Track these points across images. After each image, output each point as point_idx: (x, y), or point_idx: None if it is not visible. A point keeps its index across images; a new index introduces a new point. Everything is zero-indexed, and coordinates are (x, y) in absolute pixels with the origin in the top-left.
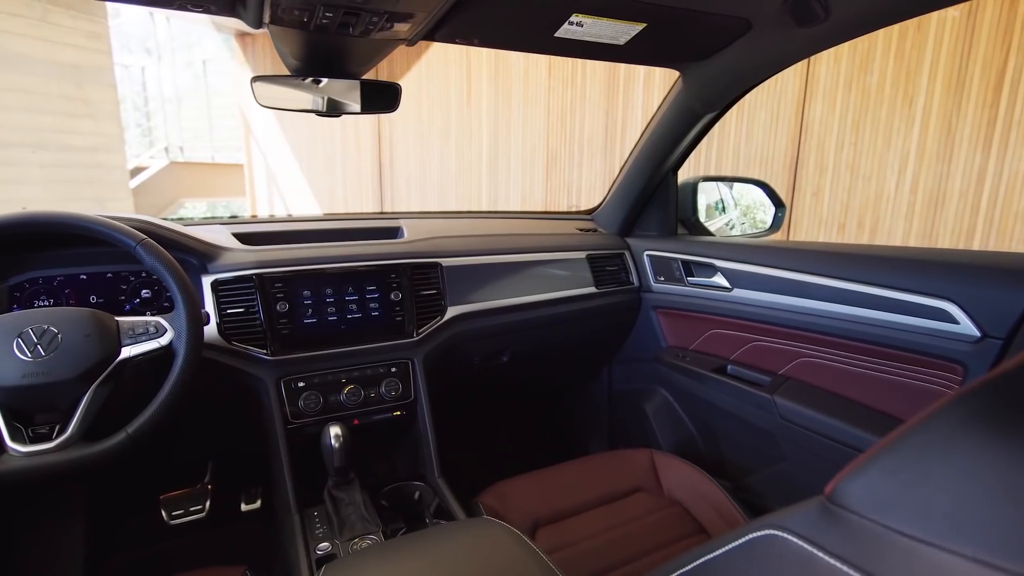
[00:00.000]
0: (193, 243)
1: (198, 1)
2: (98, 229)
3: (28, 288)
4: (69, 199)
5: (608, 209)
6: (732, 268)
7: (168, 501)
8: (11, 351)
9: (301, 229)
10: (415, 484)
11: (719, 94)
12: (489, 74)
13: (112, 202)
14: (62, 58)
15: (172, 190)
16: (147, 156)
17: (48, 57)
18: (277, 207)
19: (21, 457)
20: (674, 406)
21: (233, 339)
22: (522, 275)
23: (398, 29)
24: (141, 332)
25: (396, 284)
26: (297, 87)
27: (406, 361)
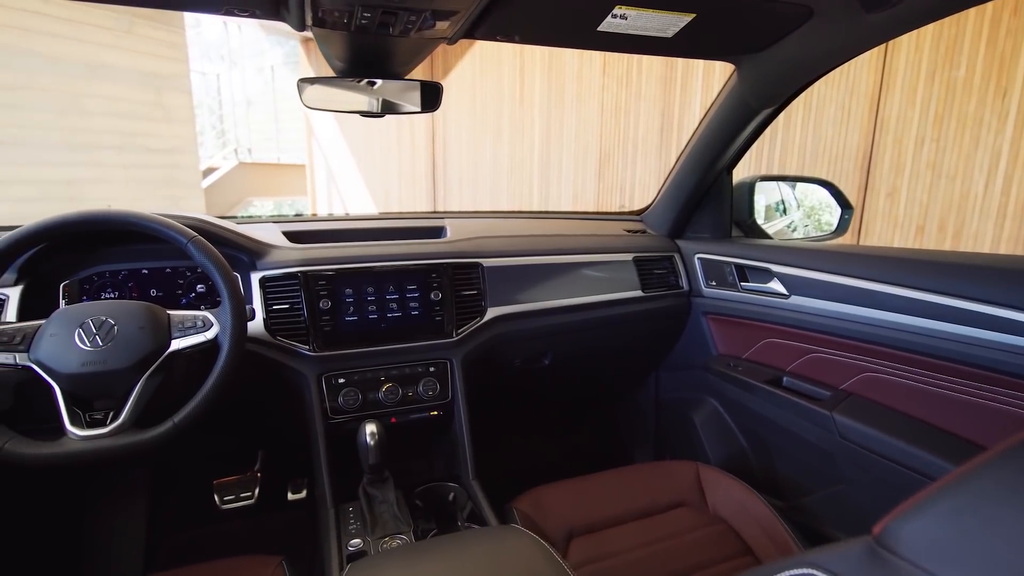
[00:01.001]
0: (244, 241)
1: (243, 6)
2: (153, 227)
3: (96, 281)
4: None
5: (658, 210)
6: (790, 273)
7: (221, 486)
8: (72, 341)
9: (347, 228)
10: (449, 485)
11: (777, 88)
12: (542, 72)
13: (185, 200)
14: (144, 66)
15: (240, 189)
16: (219, 157)
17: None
18: (336, 206)
19: (78, 440)
20: (724, 417)
21: (278, 334)
22: (565, 277)
23: (438, 28)
24: (190, 326)
25: (436, 284)
26: (341, 88)
27: (444, 361)
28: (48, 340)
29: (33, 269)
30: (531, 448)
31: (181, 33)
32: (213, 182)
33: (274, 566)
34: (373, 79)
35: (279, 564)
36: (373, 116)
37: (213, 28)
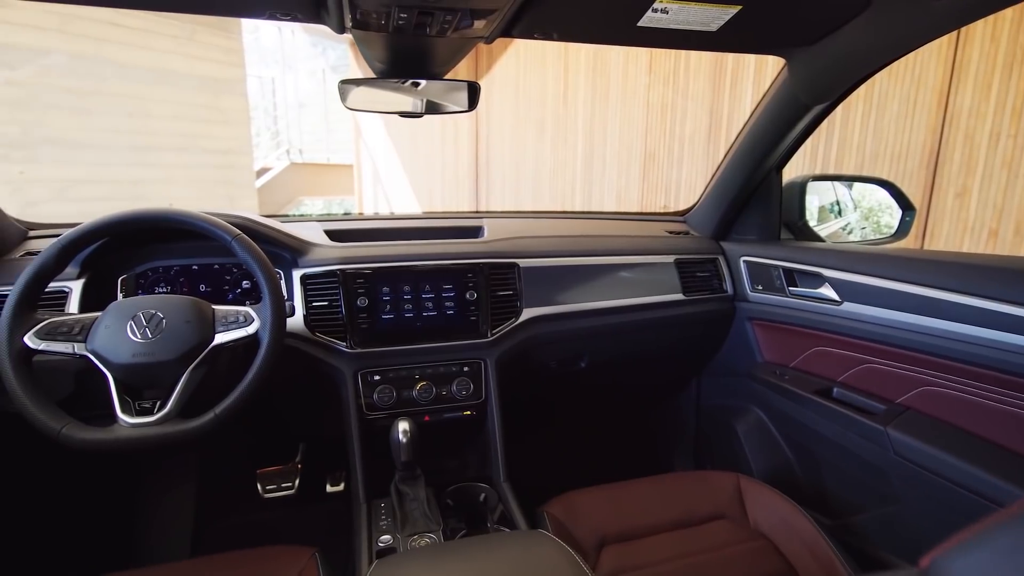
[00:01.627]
0: (286, 239)
1: (285, 10)
2: (200, 225)
3: (151, 276)
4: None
5: (702, 210)
6: (843, 279)
7: (264, 476)
8: (125, 332)
9: (387, 227)
10: (481, 486)
11: (830, 83)
12: (587, 70)
13: (240, 199)
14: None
15: (292, 189)
16: (272, 158)
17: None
18: (381, 205)
19: (127, 428)
20: (769, 428)
21: (317, 330)
22: (603, 278)
23: (475, 27)
24: (232, 321)
25: (472, 284)
26: (382, 89)
27: (479, 361)
28: (103, 331)
29: (94, 264)
30: (565, 452)
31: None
32: (266, 182)
33: (307, 558)
34: (412, 79)
35: (312, 556)
36: (412, 116)
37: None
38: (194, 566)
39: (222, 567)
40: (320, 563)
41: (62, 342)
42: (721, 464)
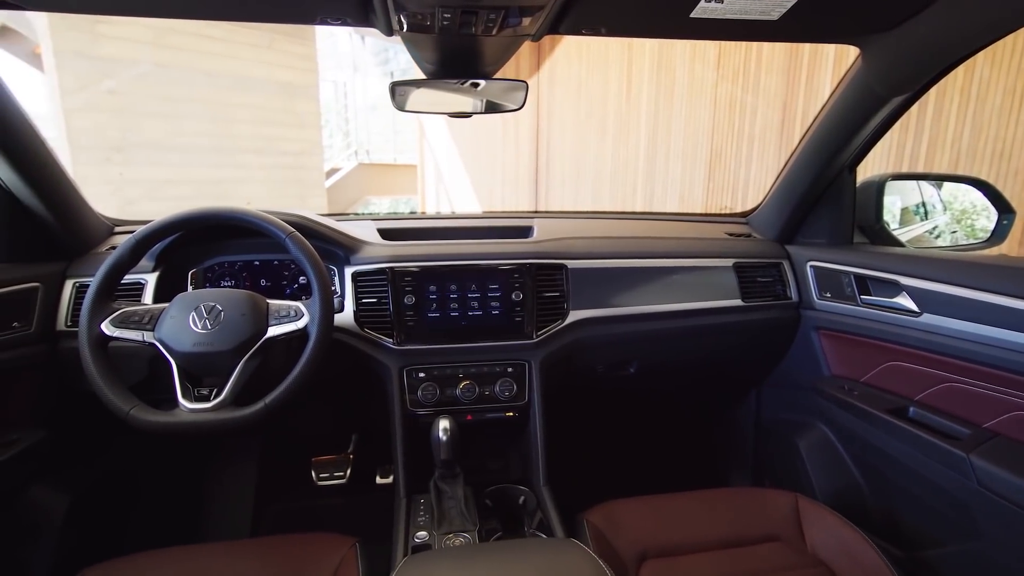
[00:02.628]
0: (339, 237)
1: (336, 15)
2: (257, 222)
3: (217, 270)
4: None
5: (766, 212)
6: (923, 288)
7: (318, 464)
8: (187, 323)
9: (438, 226)
10: (520, 488)
11: (911, 72)
12: (651, 67)
13: (310, 199)
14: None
15: (359, 188)
16: (341, 159)
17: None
18: (443, 204)
19: (187, 413)
20: (835, 446)
21: (366, 326)
22: (656, 281)
23: (520, 25)
24: (284, 315)
25: (519, 284)
26: (430, 90)
27: (523, 363)
28: (169, 321)
29: (167, 258)
30: (610, 459)
31: (312, 46)
32: (335, 181)
33: (348, 547)
34: (461, 79)
35: (353, 545)
36: (461, 116)
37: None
38: (245, 546)
39: (268, 549)
40: (360, 553)
41: (133, 330)
42: (780, 482)
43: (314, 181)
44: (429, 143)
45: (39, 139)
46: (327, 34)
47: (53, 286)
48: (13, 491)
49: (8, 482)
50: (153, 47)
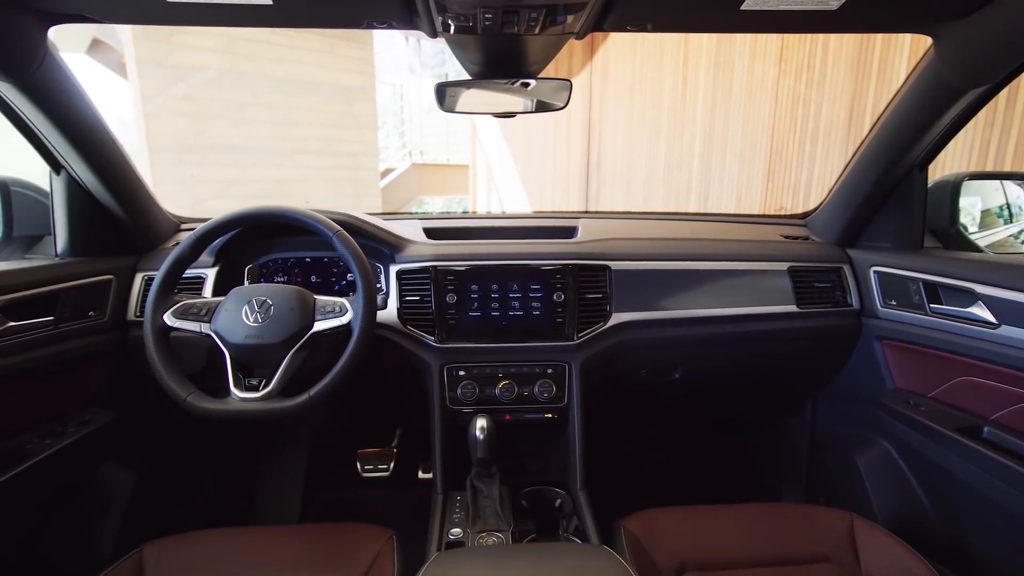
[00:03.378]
0: (385, 235)
1: (381, 18)
2: (306, 221)
3: (271, 266)
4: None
5: (826, 213)
6: (1003, 297)
7: (363, 456)
8: (240, 316)
9: (482, 226)
10: (557, 491)
11: (989, 62)
12: (708, 63)
13: (365, 198)
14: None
15: (413, 188)
16: (396, 159)
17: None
18: (494, 204)
19: (237, 401)
20: (897, 465)
21: (408, 323)
22: (704, 285)
23: (562, 23)
24: (329, 311)
25: (560, 285)
26: (475, 90)
27: (563, 364)
28: (223, 314)
29: (226, 254)
30: (652, 465)
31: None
32: (390, 181)
33: (385, 539)
34: (506, 79)
35: (390, 538)
36: (506, 116)
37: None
38: (290, 531)
39: (311, 536)
40: (396, 546)
41: (192, 321)
42: (836, 500)
43: (369, 181)
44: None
45: (115, 144)
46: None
47: (125, 279)
48: (87, 468)
49: (82, 459)
50: (224, 54)
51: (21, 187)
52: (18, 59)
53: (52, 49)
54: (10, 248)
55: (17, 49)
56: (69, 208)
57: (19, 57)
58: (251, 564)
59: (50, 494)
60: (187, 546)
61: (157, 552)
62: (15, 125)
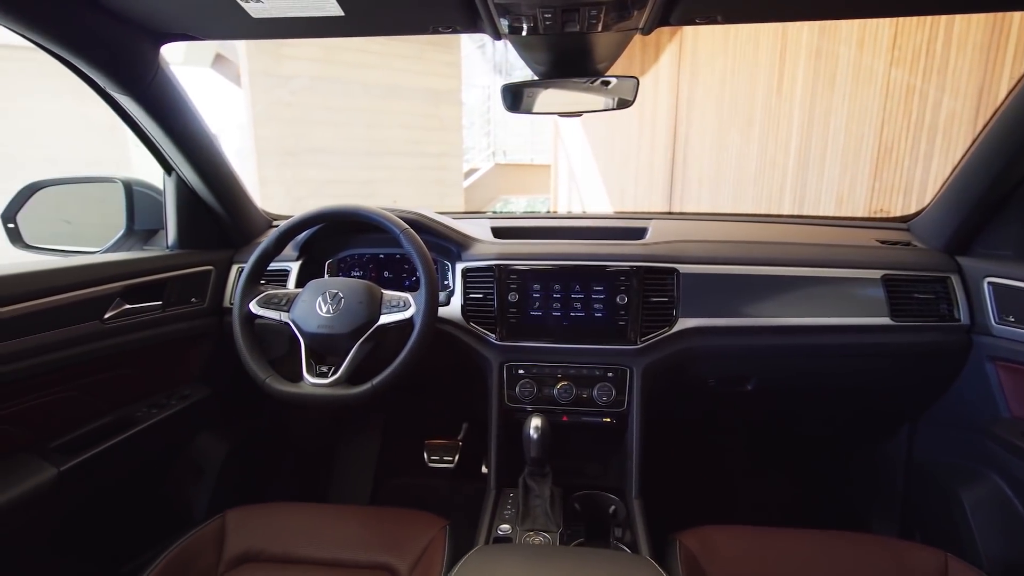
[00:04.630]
0: (452, 234)
1: (446, 23)
2: (376, 219)
3: (349, 261)
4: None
5: (933, 216)
6: None
7: (430, 447)
8: (314, 306)
9: (550, 226)
10: (612, 497)
11: None
12: (808, 55)
13: (449, 197)
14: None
15: (495, 188)
16: (479, 159)
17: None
18: (575, 204)
19: (309, 386)
20: (1011, 504)
21: (471, 320)
22: (782, 292)
23: (625, 19)
24: (394, 305)
25: (624, 287)
26: (542, 90)
27: (624, 368)
28: (300, 304)
29: (308, 249)
30: (717, 480)
31: (457, 53)
32: (473, 181)
33: (439, 528)
34: (571, 78)
35: (443, 527)
36: (571, 116)
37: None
38: (356, 511)
39: (373, 518)
40: (448, 535)
41: (273, 310)
42: (933, 537)
43: (453, 181)
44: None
45: (217, 149)
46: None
47: (223, 270)
48: (186, 437)
49: (182, 428)
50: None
51: (142, 187)
52: (134, 74)
53: (164, 65)
54: (131, 240)
55: (134, 65)
56: (178, 206)
57: (135, 72)
58: (316, 538)
59: (155, 457)
60: (264, 515)
61: (238, 518)
62: (134, 132)
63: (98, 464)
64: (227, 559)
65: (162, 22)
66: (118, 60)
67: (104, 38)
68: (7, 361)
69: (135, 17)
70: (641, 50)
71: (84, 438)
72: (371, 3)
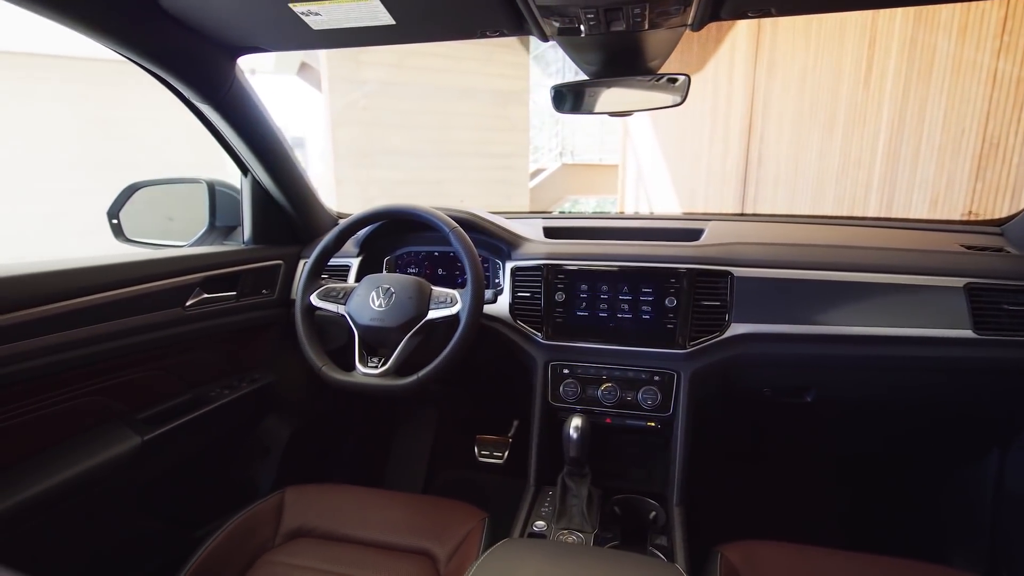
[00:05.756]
0: (503, 233)
1: (494, 27)
2: (427, 217)
3: (405, 258)
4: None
5: None
6: None
7: (481, 442)
8: (368, 300)
9: (604, 226)
10: (652, 503)
11: None
12: (901, 44)
13: (514, 197)
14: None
15: (561, 188)
16: (547, 159)
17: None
18: (642, 204)
19: (360, 376)
20: None
21: (519, 318)
22: (847, 299)
23: (671, 15)
24: (442, 301)
25: (674, 289)
26: (593, 90)
27: (671, 373)
28: (355, 298)
29: (369, 246)
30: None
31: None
32: (540, 181)
33: (478, 520)
34: (622, 77)
35: (482, 520)
36: (622, 115)
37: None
38: (404, 498)
39: (418, 505)
40: (486, 527)
41: (331, 303)
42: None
43: (519, 181)
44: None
45: (287, 152)
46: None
47: (291, 264)
48: (254, 418)
49: (250, 410)
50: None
51: (223, 187)
52: (213, 84)
53: (239, 75)
54: (213, 235)
55: (212, 77)
56: (253, 205)
57: (213, 83)
58: (364, 519)
59: (226, 434)
60: (320, 494)
61: (296, 495)
62: (214, 136)
63: (176, 437)
64: (283, 532)
65: (237, 37)
66: (199, 73)
67: (187, 53)
68: (105, 340)
69: (214, 34)
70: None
71: (165, 413)
72: (419, 12)
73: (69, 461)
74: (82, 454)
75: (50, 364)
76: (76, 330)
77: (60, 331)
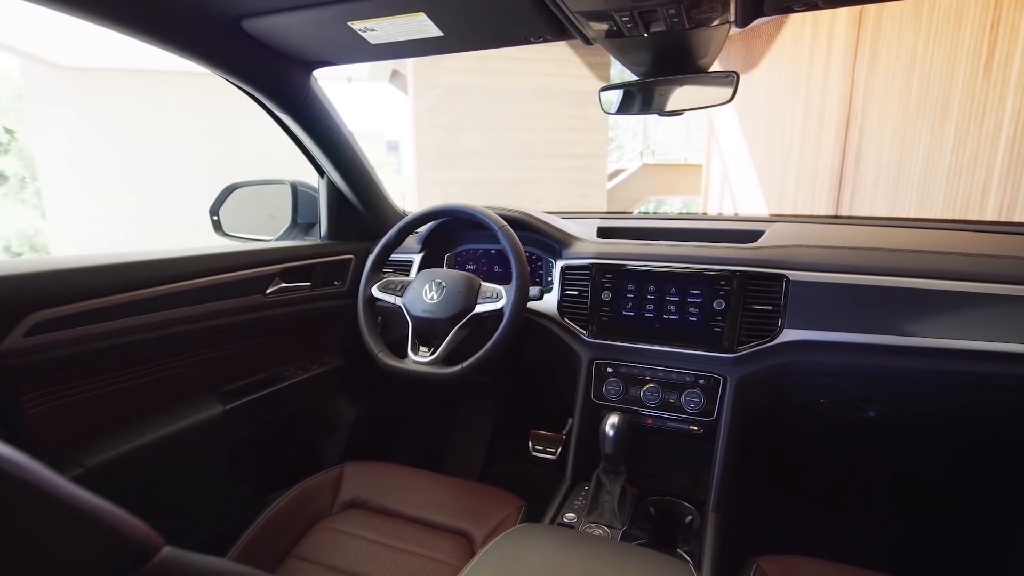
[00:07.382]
0: (554, 232)
1: (537, 33)
2: (477, 216)
3: (464, 255)
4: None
5: None
6: None
7: (535, 437)
8: (422, 293)
9: (658, 227)
10: (689, 507)
11: None
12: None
13: (591, 197)
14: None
15: (641, 188)
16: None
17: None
18: (726, 205)
19: (411, 363)
20: None
21: (566, 316)
22: (918, 308)
23: (713, 12)
24: (488, 296)
25: (723, 292)
26: (639, 90)
27: (717, 377)
28: (411, 291)
29: (431, 243)
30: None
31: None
32: (619, 182)
33: (515, 507)
34: (669, 77)
35: (519, 507)
36: (671, 115)
37: None
38: (450, 482)
39: (464, 490)
40: (521, 515)
41: (390, 295)
42: None
43: (597, 181)
44: (718, 141)
45: (359, 155)
46: None
47: (361, 258)
48: (324, 397)
49: (320, 390)
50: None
51: (304, 187)
52: (290, 96)
53: (314, 86)
54: (295, 231)
55: (290, 89)
56: (328, 203)
57: (291, 95)
58: (412, 498)
59: (298, 411)
60: (376, 471)
61: (354, 470)
62: (293, 142)
63: (253, 409)
64: (340, 502)
65: (309, 54)
66: (278, 86)
67: (267, 69)
68: (199, 320)
69: (289, 52)
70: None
71: (245, 388)
72: (464, 24)
73: (167, 420)
74: (176, 416)
75: (157, 338)
76: (176, 310)
77: (165, 310)
